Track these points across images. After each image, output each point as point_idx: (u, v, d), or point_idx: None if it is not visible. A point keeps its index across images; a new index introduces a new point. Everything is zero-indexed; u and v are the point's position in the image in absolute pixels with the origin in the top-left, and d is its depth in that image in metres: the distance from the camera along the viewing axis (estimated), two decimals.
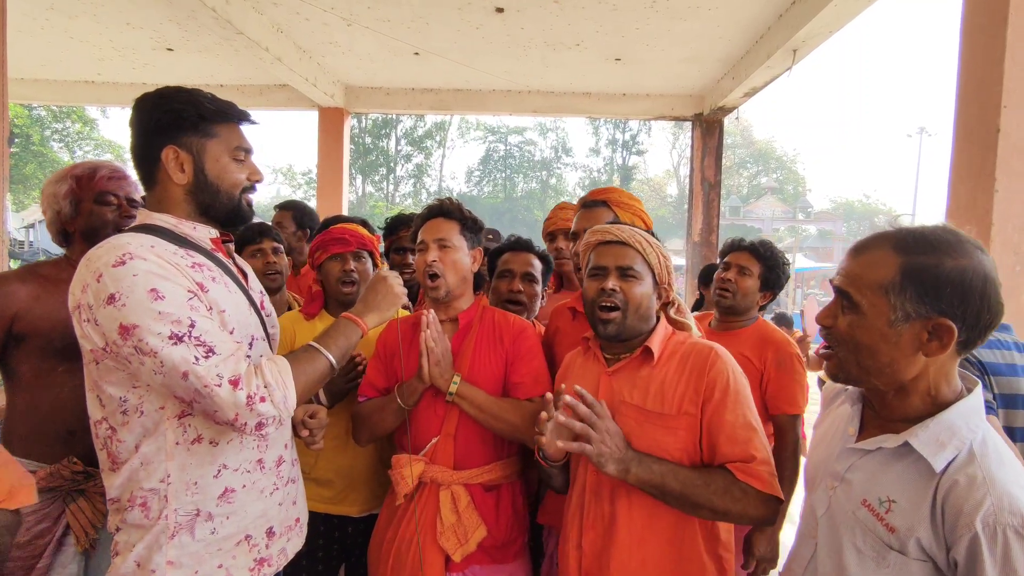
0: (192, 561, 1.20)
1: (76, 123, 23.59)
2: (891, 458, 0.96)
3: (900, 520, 0.91)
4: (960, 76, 2.53)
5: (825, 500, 1.05)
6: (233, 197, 1.28)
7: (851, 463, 1.02)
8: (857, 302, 0.95)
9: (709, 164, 6.40)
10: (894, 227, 0.97)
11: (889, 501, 0.93)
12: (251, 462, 1.28)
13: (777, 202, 33.65)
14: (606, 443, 1.27)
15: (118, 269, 1.09)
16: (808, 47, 4.27)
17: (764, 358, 2.13)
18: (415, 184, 37.16)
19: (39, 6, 4.47)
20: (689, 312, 1.54)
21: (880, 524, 0.93)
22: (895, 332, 0.92)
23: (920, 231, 0.94)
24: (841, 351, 0.99)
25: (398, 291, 1.44)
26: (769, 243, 2.33)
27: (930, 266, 0.90)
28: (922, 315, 0.90)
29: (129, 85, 6.43)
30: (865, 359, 0.95)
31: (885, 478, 0.95)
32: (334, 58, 5.46)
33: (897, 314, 0.91)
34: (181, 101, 1.21)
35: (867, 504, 0.96)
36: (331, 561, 1.96)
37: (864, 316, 0.94)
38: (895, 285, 0.91)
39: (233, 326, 1.22)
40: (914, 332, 0.91)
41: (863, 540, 0.96)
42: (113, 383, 1.16)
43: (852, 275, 0.97)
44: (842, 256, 1.03)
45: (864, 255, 0.97)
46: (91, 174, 1.68)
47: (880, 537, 0.93)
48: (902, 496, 0.92)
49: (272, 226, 2.50)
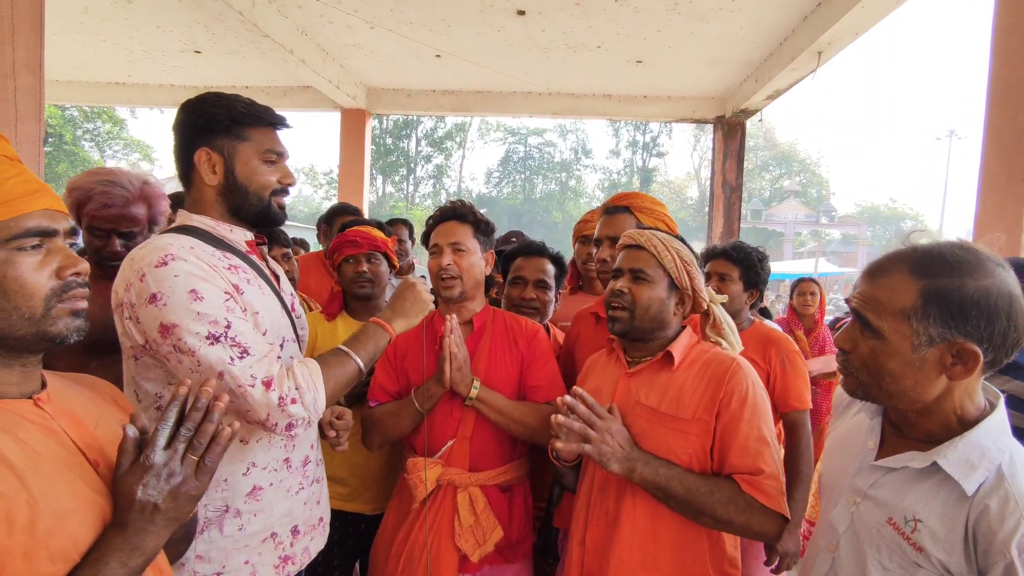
0: (220, 556, 1.23)
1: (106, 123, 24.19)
2: (917, 477, 0.94)
3: (928, 541, 0.89)
4: (991, 78, 2.47)
5: (847, 516, 1.03)
6: (263, 199, 1.30)
7: (874, 480, 1.00)
8: (877, 327, 0.92)
9: (730, 167, 6.33)
10: (907, 245, 0.94)
11: (915, 521, 0.91)
12: (278, 461, 1.31)
13: (800, 205, 33.10)
14: (606, 442, 1.28)
15: (160, 270, 1.12)
16: (834, 49, 4.21)
17: (768, 357, 2.14)
18: (435, 185, 37.38)
19: (74, 10, 4.61)
20: (729, 328, 1.49)
21: (907, 543, 0.91)
22: (918, 357, 0.89)
23: (937, 251, 0.90)
24: (863, 375, 0.97)
25: (426, 298, 1.45)
26: (741, 244, 2.36)
27: (952, 289, 0.87)
28: (946, 339, 0.87)
29: (158, 87, 6.58)
30: (888, 383, 0.93)
31: (911, 497, 0.93)
32: (357, 60, 5.53)
33: (920, 339, 0.88)
34: (216, 105, 1.25)
35: (892, 523, 0.94)
36: (346, 557, 2.00)
37: (887, 342, 0.91)
38: (916, 310, 0.88)
39: (266, 327, 1.24)
40: (938, 355, 0.89)
41: (889, 558, 0.94)
42: (150, 379, 1.20)
43: (871, 299, 0.94)
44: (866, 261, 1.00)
45: (881, 279, 0.93)
46: (84, 200, 1.67)
47: (907, 556, 0.91)
48: (930, 517, 0.90)
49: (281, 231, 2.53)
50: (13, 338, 0.79)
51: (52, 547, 0.74)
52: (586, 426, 1.28)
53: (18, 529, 0.71)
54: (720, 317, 1.48)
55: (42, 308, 0.80)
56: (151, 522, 0.79)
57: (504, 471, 1.65)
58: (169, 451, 0.81)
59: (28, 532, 0.72)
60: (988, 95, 2.48)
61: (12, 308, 0.78)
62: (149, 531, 0.79)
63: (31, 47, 2.03)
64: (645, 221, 1.84)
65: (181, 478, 0.81)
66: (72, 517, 0.77)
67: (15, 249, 0.78)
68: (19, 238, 0.79)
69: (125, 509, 0.79)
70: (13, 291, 0.78)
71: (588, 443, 1.27)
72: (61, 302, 0.82)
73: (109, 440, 0.87)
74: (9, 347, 0.80)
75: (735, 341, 1.48)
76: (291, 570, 1.34)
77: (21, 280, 0.78)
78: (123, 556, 0.77)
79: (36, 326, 0.80)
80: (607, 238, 1.86)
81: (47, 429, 0.81)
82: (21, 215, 0.79)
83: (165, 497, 0.80)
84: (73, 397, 0.90)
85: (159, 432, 0.81)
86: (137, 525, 0.79)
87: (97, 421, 0.90)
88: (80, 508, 0.78)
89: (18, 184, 0.80)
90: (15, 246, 0.78)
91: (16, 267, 0.78)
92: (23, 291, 0.78)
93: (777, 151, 39.44)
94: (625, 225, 1.84)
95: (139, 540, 0.79)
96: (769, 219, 31.93)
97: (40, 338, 0.81)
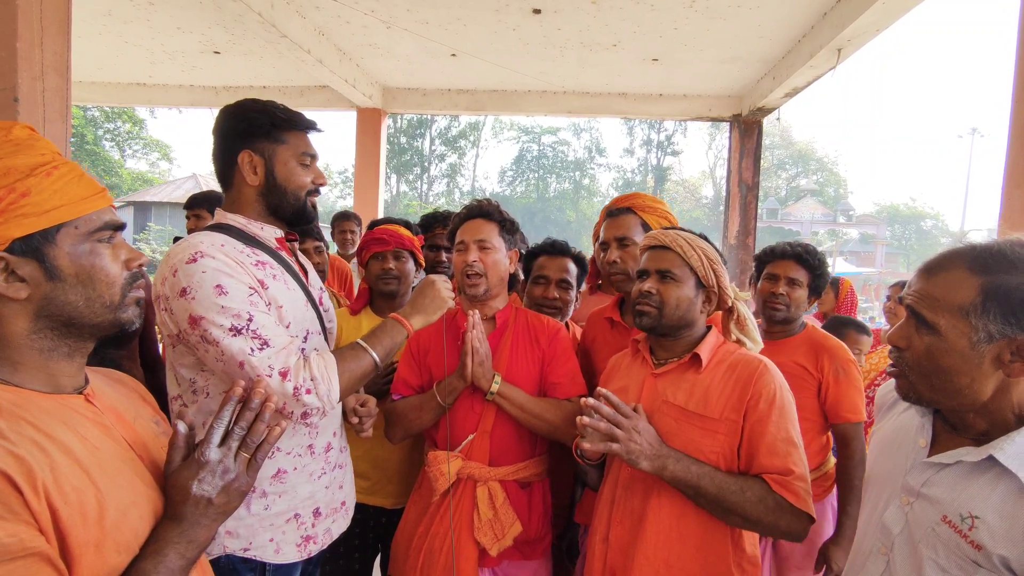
0: (247, 532, 1.31)
1: (126, 123, 24.61)
2: (972, 472, 0.92)
3: (987, 538, 0.87)
4: (1016, 74, 2.43)
5: (901, 517, 1.01)
6: (299, 199, 1.38)
7: (927, 478, 0.98)
8: (934, 324, 0.91)
9: (747, 166, 6.27)
10: (964, 243, 0.93)
11: (972, 518, 0.89)
12: (302, 447, 1.39)
13: (817, 205, 32.71)
14: (634, 440, 1.29)
15: (190, 266, 1.20)
16: (853, 46, 4.15)
17: (820, 366, 2.06)
18: (448, 184, 37.49)
19: (97, 12, 4.69)
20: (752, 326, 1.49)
21: (964, 541, 0.89)
22: (977, 354, 0.89)
23: (997, 248, 0.90)
24: (912, 374, 0.96)
25: (445, 295, 1.48)
26: (812, 249, 2.26)
27: (1014, 286, 0.86)
28: (1006, 335, 0.87)
29: (178, 87, 6.68)
30: (941, 381, 0.92)
31: (966, 493, 0.91)
32: (373, 60, 5.56)
33: (979, 335, 0.88)
34: (256, 110, 1.33)
35: (948, 521, 0.92)
36: (367, 549, 2.04)
37: (944, 339, 0.91)
38: (976, 307, 0.88)
39: (290, 320, 1.31)
40: (996, 353, 0.88)
41: (946, 558, 0.91)
42: (186, 366, 1.29)
43: (927, 296, 0.93)
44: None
45: (938, 275, 0.93)
46: None
47: (966, 554, 0.89)
48: (988, 513, 0.88)
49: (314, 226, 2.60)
50: (92, 324, 0.85)
51: (119, 539, 0.77)
52: (612, 426, 1.28)
53: (90, 522, 0.74)
54: (744, 314, 1.48)
55: (119, 296, 0.86)
56: (204, 515, 0.83)
57: (524, 467, 1.66)
58: (223, 448, 0.86)
59: (98, 525, 0.75)
60: (1014, 91, 2.43)
61: (96, 296, 0.84)
62: (202, 524, 0.83)
63: (59, 49, 2.07)
64: (649, 220, 1.86)
65: (234, 474, 0.85)
66: (132, 511, 0.80)
67: (96, 241, 0.84)
68: (100, 231, 0.85)
69: (180, 503, 0.83)
70: (99, 280, 0.84)
71: (615, 442, 1.28)
72: (131, 291, 0.88)
73: (148, 436, 0.92)
74: (85, 334, 0.85)
75: (757, 338, 1.48)
76: (312, 549, 1.41)
77: (106, 270, 0.85)
78: (181, 548, 0.81)
79: (113, 313, 0.86)
80: (614, 239, 1.88)
81: (100, 425, 0.85)
82: (96, 211, 0.85)
83: (219, 492, 0.84)
84: (112, 392, 0.94)
85: (214, 430, 0.86)
86: (192, 518, 0.83)
87: (135, 416, 0.94)
88: (138, 502, 0.82)
89: (87, 184, 0.85)
90: (96, 238, 0.84)
91: (101, 257, 0.84)
92: (108, 280, 0.85)
93: (794, 149, 38.98)
94: (630, 225, 1.86)
95: (194, 533, 0.83)
96: (785, 218, 31.59)
97: (113, 324, 0.87)
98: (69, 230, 0.81)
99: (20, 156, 0.80)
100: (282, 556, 1.35)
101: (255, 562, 1.33)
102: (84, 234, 0.83)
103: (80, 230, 0.82)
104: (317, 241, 2.54)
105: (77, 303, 0.82)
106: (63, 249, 0.81)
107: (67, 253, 0.81)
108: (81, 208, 0.82)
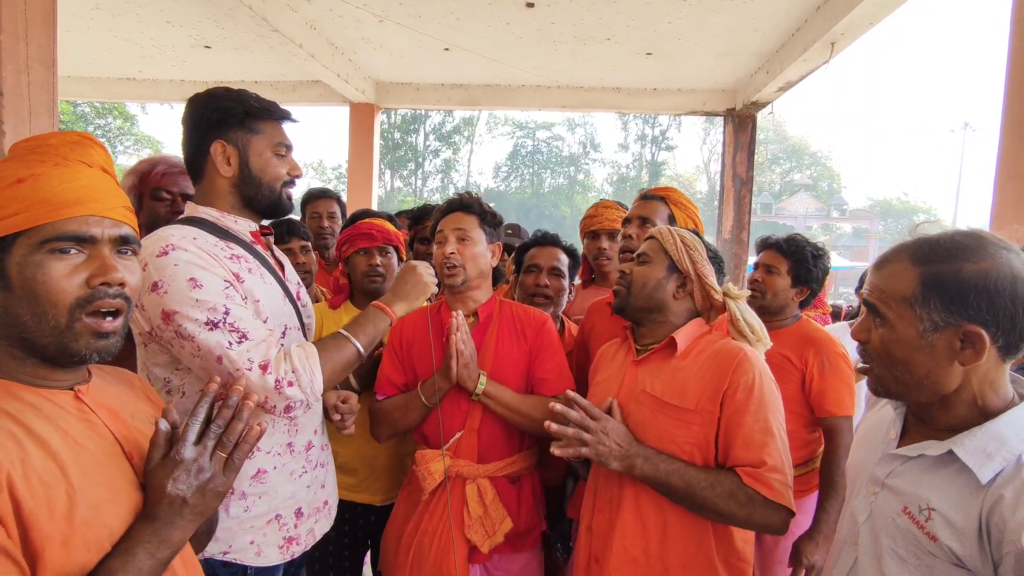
0: (226, 536, 1.27)
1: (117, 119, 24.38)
2: (934, 465, 0.94)
3: (942, 530, 0.89)
4: (1009, 68, 2.43)
5: (867, 506, 1.03)
6: (274, 190, 1.34)
7: (892, 469, 1.00)
8: (885, 315, 0.95)
9: (741, 160, 6.27)
10: (914, 236, 0.96)
11: (929, 509, 0.91)
12: (282, 445, 1.34)
13: (811, 199, 32.87)
14: (603, 442, 1.29)
15: (161, 259, 1.15)
16: (847, 40, 4.15)
17: (805, 358, 2.05)
18: (443, 179, 37.40)
19: (85, 5, 4.63)
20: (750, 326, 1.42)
21: (921, 532, 0.91)
22: (927, 343, 0.91)
23: (937, 239, 0.92)
24: (877, 367, 0.98)
25: (427, 280, 1.46)
26: (797, 238, 2.25)
27: (950, 273, 0.88)
28: (951, 323, 0.89)
29: (168, 82, 6.61)
30: (901, 373, 0.94)
31: (927, 486, 0.93)
32: (366, 54, 5.52)
33: (925, 324, 0.90)
34: (229, 99, 1.28)
35: (907, 512, 0.94)
36: (356, 546, 2.02)
37: (894, 329, 0.94)
38: (917, 296, 0.91)
39: (267, 315, 1.27)
40: (946, 341, 0.90)
41: (905, 549, 0.93)
42: (159, 365, 1.24)
43: (877, 288, 0.97)
44: (877, 255, 1.02)
45: (885, 268, 0.97)
46: (149, 169, 1.76)
47: (922, 545, 0.91)
48: (944, 505, 0.90)
49: (300, 224, 2.53)
50: (39, 344, 0.80)
51: (88, 536, 0.75)
52: (580, 430, 1.29)
53: (57, 517, 0.73)
54: (736, 313, 1.43)
55: (66, 318, 0.80)
56: (179, 515, 0.81)
57: (512, 462, 1.65)
58: (199, 447, 0.83)
59: (67, 520, 0.74)
60: (1006, 86, 2.43)
61: (40, 313, 0.79)
62: (176, 524, 0.81)
63: (44, 42, 2.04)
64: (678, 214, 1.90)
65: (210, 474, 0.83)
66: (108, 508, 0.79)
67: (48, 252, 0.79)
68: (53, 241, 0.79)
69: (155, 502, 0.81)
70: (40, 295, 0.78)
71: (585, 446, 1.29)
72: (88, 316, 0.81)
73: (144, 434, 0.90)
74: (39, 355, 0.81)
75: (764, 337, 1.44)
76: (295, 550, 1.37)
77: (47, 285, 0.79)
78: (151, 548, 0.79)
79: (59, 338, 0.80)
80: (637, 218, 1.93)
81: (87, 421, 0.83)
82: (62, 219, 0.80)
83: (194, 492, 0.81)
84: (112, 390, 0.93)
85: (189, 428, 0.83)
86: (166, 518, 0.81)
87: (133, 414, 0.92)
88: (115, 499, 0.80)
89: (68, 189, 0.81)
90: (49, 249, 0.79)
91: (46, 271, 0.79)
92: (48, 296, 0.78)
93: (788, 144, 39.07)
94: (657, 210, 1.92)
95: (167, 533, 0.81)
96: (779, 213, 31.73)
97: (61, 351, 0.81)
98: (23, 239, 0.78)
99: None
100: (264, 559, 1.31)
101: (236, 566, 1.29)
102: (34, 244, 0.78)
103: (32, 239, 0.78)
104: (303, 240, 2.48)
105: (25, 319, 0.78)
106: (15, 259, 0.78)
107: (16, 263, 0.78)
108: (43, 216, 0.78)
